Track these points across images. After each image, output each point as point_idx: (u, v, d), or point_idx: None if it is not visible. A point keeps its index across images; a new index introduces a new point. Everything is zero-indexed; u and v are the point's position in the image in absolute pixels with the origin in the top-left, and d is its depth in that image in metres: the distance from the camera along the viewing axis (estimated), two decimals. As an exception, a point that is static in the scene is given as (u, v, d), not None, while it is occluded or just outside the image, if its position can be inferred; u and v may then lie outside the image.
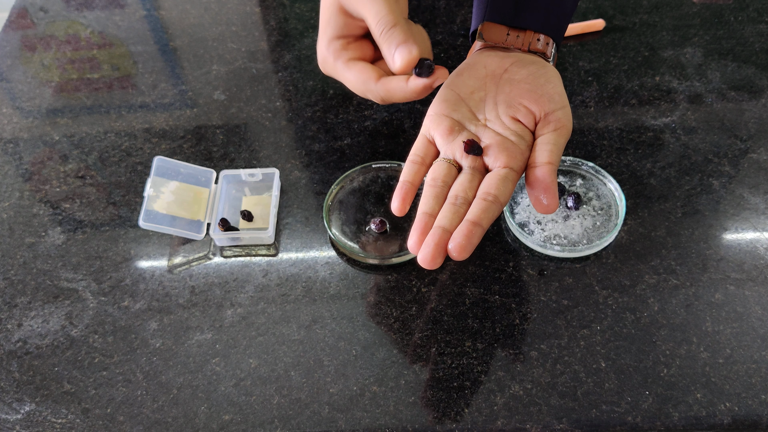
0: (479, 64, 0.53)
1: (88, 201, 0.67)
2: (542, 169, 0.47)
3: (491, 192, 0.46)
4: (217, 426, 0.52)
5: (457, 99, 0.52)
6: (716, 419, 0.50)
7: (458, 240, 0.43)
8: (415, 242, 0.44)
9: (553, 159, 0.47)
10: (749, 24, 0.79)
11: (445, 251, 0.43)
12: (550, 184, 0.46)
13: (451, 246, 0.43)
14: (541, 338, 0.55)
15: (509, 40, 0.53)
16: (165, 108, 0.75)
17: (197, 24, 0.85)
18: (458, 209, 0.45)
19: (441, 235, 0.44)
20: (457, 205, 0.46)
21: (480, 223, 0.44)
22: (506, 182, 0.46)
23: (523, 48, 0.53)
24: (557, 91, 0.50)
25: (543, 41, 0.53)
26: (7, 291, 0.61)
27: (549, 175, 0.47)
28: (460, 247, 0.43)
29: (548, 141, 0.48)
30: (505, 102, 0.50)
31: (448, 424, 0.51)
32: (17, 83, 0.79)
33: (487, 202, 0.45)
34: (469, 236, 0.43)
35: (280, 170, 0.67)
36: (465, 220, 0.44)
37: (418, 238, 0.44)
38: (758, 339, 0.54)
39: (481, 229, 0.44)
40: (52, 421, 0.53)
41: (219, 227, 0.62)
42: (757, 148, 0.67)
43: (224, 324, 0.57)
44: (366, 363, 0.55)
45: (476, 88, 0.52)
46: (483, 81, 0.52)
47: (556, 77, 0.51)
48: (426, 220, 0.45)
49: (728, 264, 0.59)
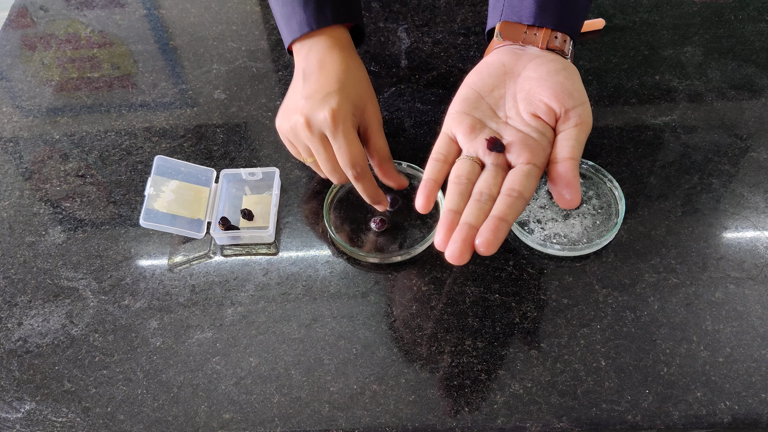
0: (498, 62, 0.54)
1: (88, 200, 0.67)
2: (564, 165, 0.48)
3: (515, 188, 0.47)
4: (217, 425, 0.52)
5: (478, 97, 0.53)
6: (716, 418, 0.51)
7: (485, 236, 0.44)
8: (442, 239, 0.45)
9: (575, 154, 0.48)
10: (749, 23, 0.79)
11: (472, 247, 0.44)
12: (572, 179, 0.47)
13: (478, 242, 0.44)
14: (541, 337, 0.55)
15: (527, 38, 0.54)
16: (165, 107, 0.75)
17: (197, 23, 0.85)
18: (483, 206, 0.46)
19: (468, 232, 0.44)
20: (482, 201, 0.46)
21: (506, 218, 0.45)
22: (530, 178, 0.47)
23: (541, 46, 0.53)
24: (577, 88, 0.51)
25: (560, 39, 0.53)
26: (8, 290, 0.61)
27: (571, 170, 0.47)
28: (488, 243, 0.44)
29: (569, 137, 0.49)
30: (525, 99, 0.51)
31: (449, 422, 0.51)
32: (17, 82, 0.79)
33: (512, 198, 0.46)
34: (496, 231, 0.44)
35: (281, 169, 0.67)
36: (491, 216, 0.45)
37: (444, 235, 0.45)
38: (758, 338, 0.54)
39: (507, 224, 0.45)
40: (52, 420, 0.53)
41: (219, 226, 0.62)
42: (757, 147, 0.67)
43: (225, 323, 0.58)
44: (366, 362, 0.55)
45: (496, 86, 0.53)
46: (502, 79, 0.53)
47: (575, 74, 0.52)
48: (452, 217, 0.46)
49: (728, 263, 0.59)
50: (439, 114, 0.71)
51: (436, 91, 0.74)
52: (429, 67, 0.76)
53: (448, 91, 0.74)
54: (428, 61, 0.77)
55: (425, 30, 0.81)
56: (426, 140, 0.69)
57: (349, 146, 0.55)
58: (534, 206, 0.62)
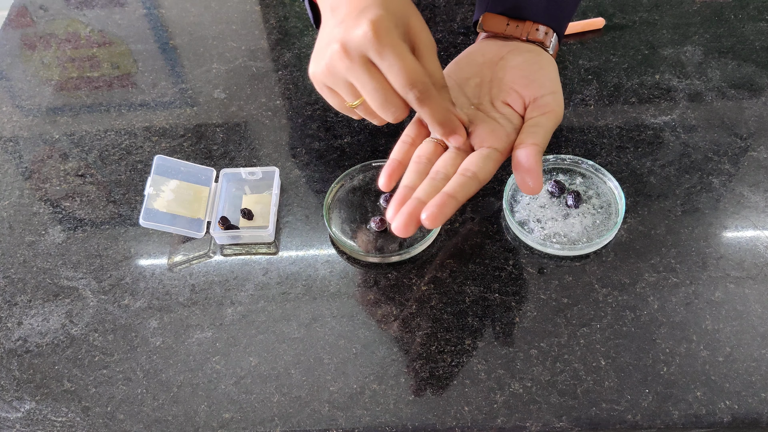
0: (478, 52, 0.55)
1: (88, 199, 0.67)
2: (525, 150, 0.48)
3: (470, 168, 0.47)
4: (217, 424, 0.52)
5: (454, 85, 0.53)
6: (716, 417, 0.51)
7: (431, 209, 0.44)
8: (392, 213, 0.46)
9: (538, 140, 0.48)
10: (749, 22, 0.79)
11: (417, 220, 0.45)
12: (533, 165, 0.47)
13: (424, 215, 0.44)
14: (541, 336, 0.55)
15: (508, 30, 0.55)
16: (165, 106, 0.75)
17: (197, 22, 0.85)
18: (437, 183, 0.47)
19: (416, 206, 0.45)
20: (436, 180, 0.47)
21: (455, 195, 0.45)
22: (487, 161, 0.47)
23: (522, 37, 0.54)
24: (549, 77, 0.52)
25: (542, 31, 0.54)
26: (7, 289, 0.61)
27: (532, 156, 0.47)
28: (432, 216, 0.44)
29: (534, 123, 0.49)
30: (498, 87, 0.52)
31: (448, 422, 0.51)
32: (17, 81, 0.79)
33: (465, 177, 0.46)
34: (442, 206, 0.44)
35: (281, 168, 0.67)
36: (441, 192, 0.45)
37: (395, 208, 0.46)
38: (758, 337, 0.54)
39: (456, 201, 0.45)
40: (52, 420, 0.53)
41: (219, 225, 0.62)
42: (757, 146, 0.67)
43: (224, 322, 0.58)
44: (366, 361, 0.55)
45: (473, 75, 0.54)
46: (480, 68, 0.54)
47: (549, 64, 0.53)
48: (405, 192, 0.47)
49: (728, 262, 0.59)
50: (439, 113, 0.71)
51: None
52: (429, 66, 0.76)
53: (448, 90, 0.74)
54: (428, 61, 0.77)
55: (425, 29, 0.80)
56: (426, 140, 0.69)
57: (402, 61, 0.44)
58: (534, 206, 0.62)
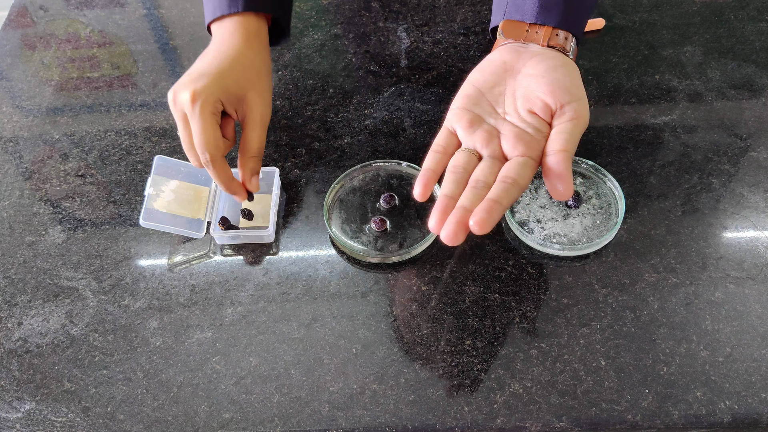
0: (499, 60, 0.55)
1: (88, 200, 0.67)
2: (556, 157, 0.49)
3: (510, 176, 0.48)
4: (217, 424, 0.52)
5: (479, 94, 0.54)
6: (716, 417, 0.51)
7: (479, 215, 0.45)
8: (436, 222, 0.46)
9: (567, 147, 0.49)
10: (749, 22, 0.79)
11: (466, 228, 0.45)
12: (564, 171, 0.48)
13: (472, 221, 0.45)
14: (541, 337, 0.55)
15: (528, 36, 0.55)
16: (165, 107, 0.75)
17: (197, 22, 0.85)
18: (479, 192, 0.47)
19: (462, 214, 0.46)
20: (477, 188, 0.48)
21: (500, 201, 0.46)
22: (525, 168, 0.48)
23: (542, 43, 0.54)
24: (574, 84, 0.52)
25: (562, 36, 0.54)
26: (8, 290, 0.61)
27: (563, 162, 0.48)
28: (481, 222, 0.45)
29: (563, 130, 0.50)
30: (523, 96, 0.52)
31: (448, 422, 0.51)
32: (17, 82, 0.79)
33: (507, 184, 0.47)
34: (490, 212, 0.45)
35: (281, 169, 0.67)
36: (486, 199, 0.46)
37: (439, 218, 0.46)
38: (758, 337, 0.54)
39: (501, 206, 0.46)
40: (52, 420, 0.53)
41: (219, 226, 0.62)
42: (757, 146, 0.67)
43: (224, 322, 0.58)
44: (366, 361, 0.55)
45: (496, 83, 0.54)
46: (502, 76, 0.54)
47: (573, 71, 0.53)
48: (447, 202, 0.47)
49: (728, 262, 0.59)
50: (439, 113, 0.71)
51: (436, 90, 0.74)
52: (429, 66, 0.76)
53: (447, 90, 0.74)
54: (428, 61, 0.77)
55: (425, 30, 0.81)
56: (426, 140, 0.69)
57: (201, 130, 0.56)
58: (534, 206, 0.62)
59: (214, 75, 0.57)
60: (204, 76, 0.57)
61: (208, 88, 0.56)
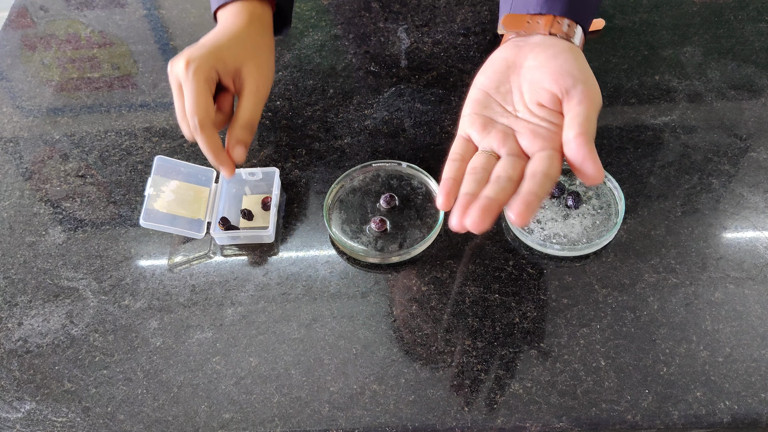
0: (500, 58, 0.54)
1: (88, 200, 0.67)
2: (574, 143, 0.47)
3: (539, 170, 0.47)
4: (217, 424, 0.52)
5: (486, 96, 0.53)
6: (716, 417, 0.51)
7: (519, 207, 0.44)
8: (457, 220, 0.45)
9: (583, 130, 0.47)
10: (749, 23, 0.79)
11: (491, 216, 0.44)
12: (587, 153, 0.46)
13: (512, 214, 0.44)
14: (541, 337, 0.55)
15: (530, 27, 0.54)
16: (165, 107, 0.75)
17: (197, 23, 0.85)
18: (502, 184, 0.46)
19: (486, 203, 0.45)
20: (500, 182, 0.47)
21: (536, 193, 0.45)
22: (552, 160, 0.47)
23: (544, 32, 0.53)
24: (578, 67, 0.50)
25: (565, 24, 0.53)
26: (8, 290, 0.61)
27: (583, 145, 0.46)
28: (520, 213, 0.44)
29: (575, 115, 0.48)
30: (529, 89, 0.51)
31: (448, 422, 0.51)
32: (17, 82, 0.79)
33: (538, 177, 0.46)
34: (528, 204, 0.44)
35: (281, 169, 0.67)
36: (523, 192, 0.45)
37: (460, 214, 0.45)
38: (758, 337, 0.54)
39: (538, 198, 0.45)
40: (52, 420, 0.53)
41: (219, 226, 0.62)
42: (757, 146, 0.67)
43: (225, 323, 0.58)
44: (366, 361, 0.55)
45: (501, 82, 0.53)
46: (506, 74, 0.53)
47: (577, 54, 0.51)
48: (467, 199, 0.46)
49: (728, 263, 0.59)
50: (439, 114, 0.71)
51: (436, 91, 0.74)
52: (429, 67, 0.76)
53: (447, 91, 0.74)
54: (428, 62, 0.77)
55: (425, 30, 0.81)
56: (426, 140, 0.69)
57: (192, 96, 0.56)
58: (534, 206, 0.62)
59: (211, 46, 0.59)
60: (201, 47, 0.58)
61: (203, 57, 0.57)
